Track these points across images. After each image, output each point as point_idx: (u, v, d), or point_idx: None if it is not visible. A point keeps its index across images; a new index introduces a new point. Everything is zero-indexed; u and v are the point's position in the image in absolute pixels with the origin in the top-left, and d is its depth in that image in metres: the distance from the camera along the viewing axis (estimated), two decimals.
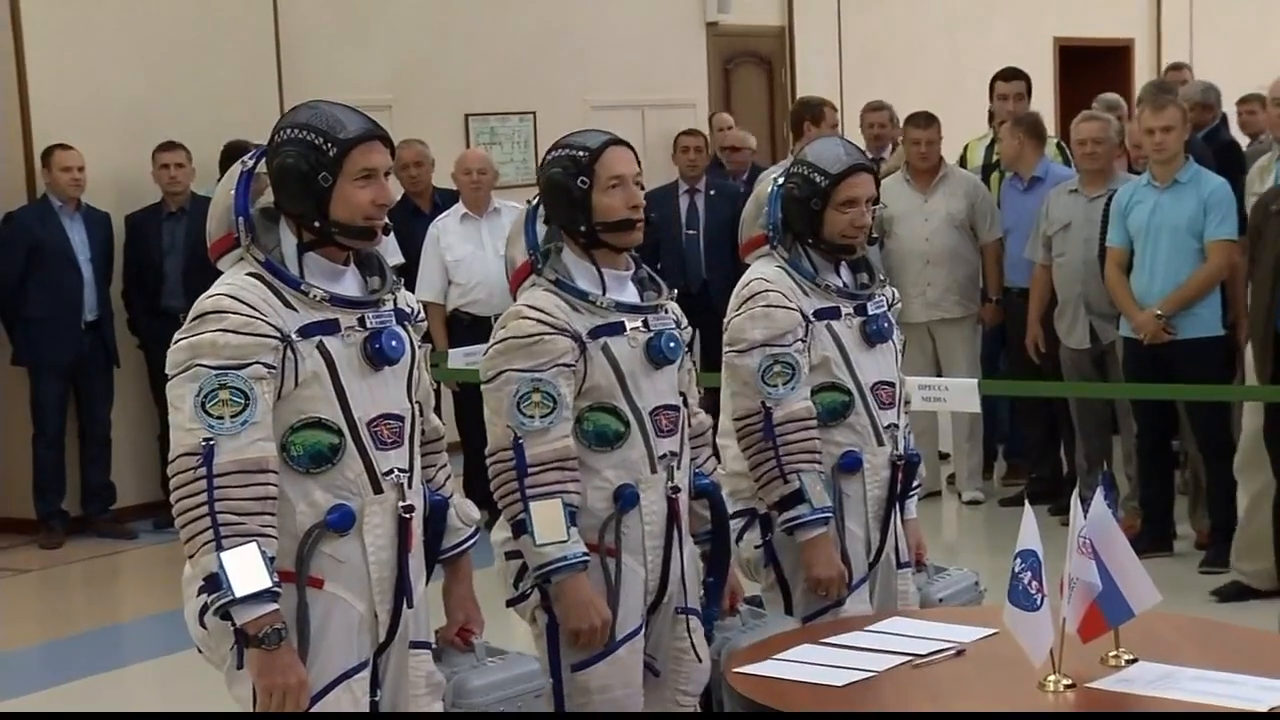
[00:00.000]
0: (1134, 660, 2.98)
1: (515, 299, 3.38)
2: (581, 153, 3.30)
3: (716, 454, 3.72)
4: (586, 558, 3.25)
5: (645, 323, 3.34)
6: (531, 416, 3.22)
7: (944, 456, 7.70)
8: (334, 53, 8.56)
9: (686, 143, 8.06)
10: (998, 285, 7.24)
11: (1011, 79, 7.74)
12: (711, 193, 7.98)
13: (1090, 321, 6.53)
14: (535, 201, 3.42)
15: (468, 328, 6.91)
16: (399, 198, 7.23)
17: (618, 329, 3.31)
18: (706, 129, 9.26)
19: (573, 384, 3.27)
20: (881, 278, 3.82)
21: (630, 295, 3.37)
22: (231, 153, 7.61)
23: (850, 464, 3.69)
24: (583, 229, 3.30)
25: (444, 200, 7.53)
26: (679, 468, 3.39)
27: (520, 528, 3.24)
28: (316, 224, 2.89)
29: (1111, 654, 2.99)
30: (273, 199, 2.94)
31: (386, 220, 2.93)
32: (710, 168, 8.27)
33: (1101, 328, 6.51)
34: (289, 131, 2.90)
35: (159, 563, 6.95)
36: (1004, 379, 7.27)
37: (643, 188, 3.36)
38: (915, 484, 3.84)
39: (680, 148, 8.05)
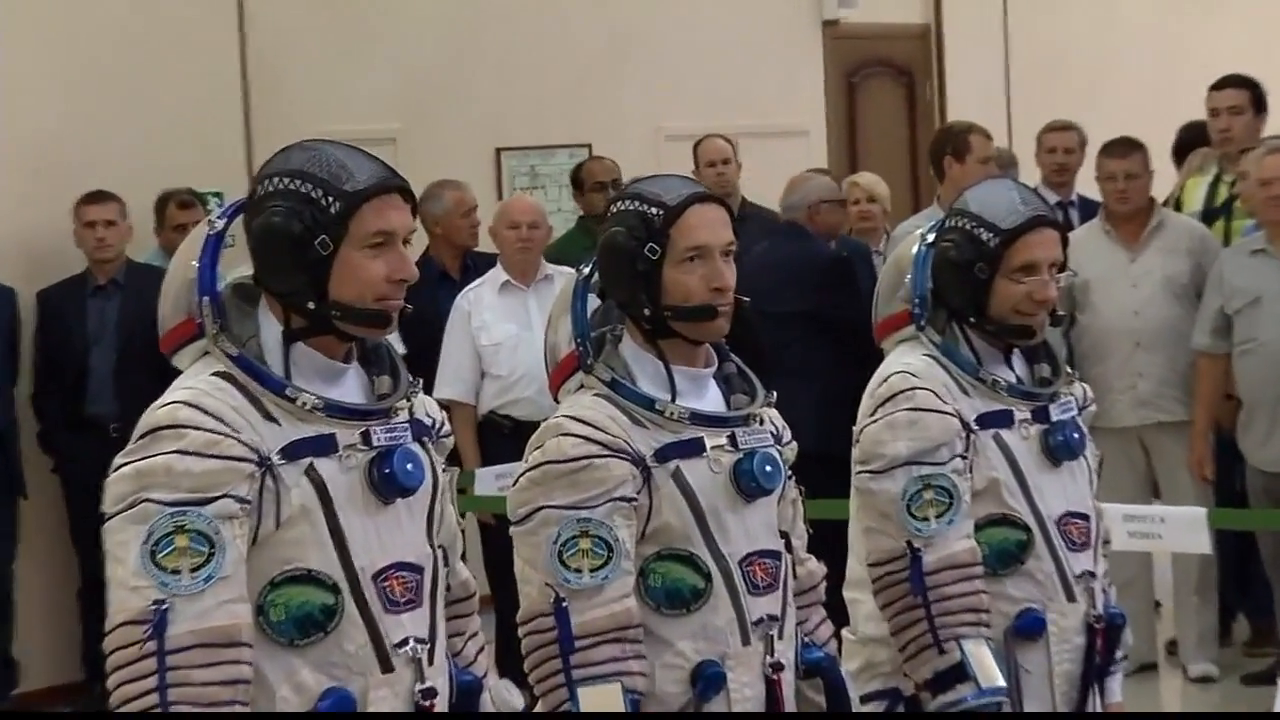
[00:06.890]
0: None
1: (557, 401, 3.44)
2: (655, 210, 3.33)
3: (841, 612, 3.74)
4: None
5: (732, 439, 3.37)
6: (579, 570, 3.25)
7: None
8: (319, 70, 8.71)
9: None
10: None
11: (1225, 87, 7.79)
12: None
13: None
14: (588, 269, 3.47)
15: (508, 437, 6.84)
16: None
17: (695, 448, 3.33)
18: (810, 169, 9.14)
19: (633, 524, 3.29)
20: (1069, 371, 3.86)
21: (712, 401, 3.41)
22: (164, 204, 7.78)
23: (1030, 626, 3.71)
24: (647, 312, 3.35)
25: (478, 263, 7.57)
26: (780, 637, 3.41)
27: None
28: (311, 305, 2.94)
29: None
30: (250, 272, 2.99)
31: (404, 303, 2.97)
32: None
33: None
34: (277, 181, 2.96)
35: None
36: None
37: (737, 257, 3.38)
38: (1120, 655, 3.85)
39: None
